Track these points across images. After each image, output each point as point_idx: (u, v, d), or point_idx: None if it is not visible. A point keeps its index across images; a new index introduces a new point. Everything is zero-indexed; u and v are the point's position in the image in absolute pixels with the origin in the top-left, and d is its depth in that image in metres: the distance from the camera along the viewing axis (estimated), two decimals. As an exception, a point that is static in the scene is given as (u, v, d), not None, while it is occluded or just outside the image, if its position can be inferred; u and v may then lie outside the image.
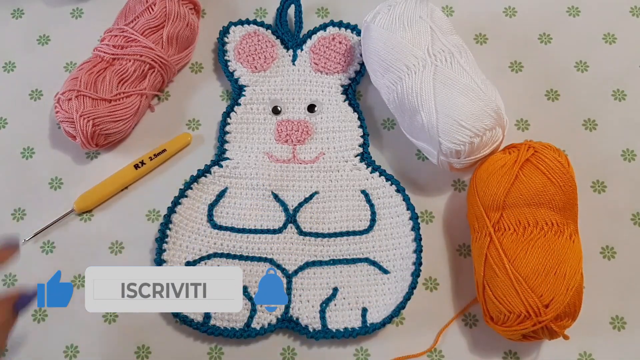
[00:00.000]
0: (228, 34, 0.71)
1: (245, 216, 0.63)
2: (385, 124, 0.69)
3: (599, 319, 0.60)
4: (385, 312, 0.59)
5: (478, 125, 0.58)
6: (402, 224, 0.62)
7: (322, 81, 0.69)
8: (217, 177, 0.65)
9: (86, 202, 0.64)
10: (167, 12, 0.67)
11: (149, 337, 0.60)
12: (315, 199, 0.64)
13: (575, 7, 0.73)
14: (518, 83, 0.70)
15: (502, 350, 0.60)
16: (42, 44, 0.73)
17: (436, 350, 0.60)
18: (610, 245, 0.63)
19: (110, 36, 0.66)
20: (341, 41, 0.70)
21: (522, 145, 0.59)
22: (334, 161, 0.66)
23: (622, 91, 0.69)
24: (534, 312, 0.53)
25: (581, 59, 0.71)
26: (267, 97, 0.68)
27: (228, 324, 0.59)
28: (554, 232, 0.55)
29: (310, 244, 0.62)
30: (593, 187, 0.65)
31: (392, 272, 0.61)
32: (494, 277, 0.56)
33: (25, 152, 0.68)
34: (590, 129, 0.68)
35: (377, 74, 0.63)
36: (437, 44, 0.61)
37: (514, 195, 0.57)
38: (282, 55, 0.70)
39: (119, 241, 0.64)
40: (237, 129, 0.67)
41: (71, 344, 0.60)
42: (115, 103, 0.64)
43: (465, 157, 0.59)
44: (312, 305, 0.60)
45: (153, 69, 0.66)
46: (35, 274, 0.63)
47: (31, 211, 0.65)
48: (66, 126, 0.64)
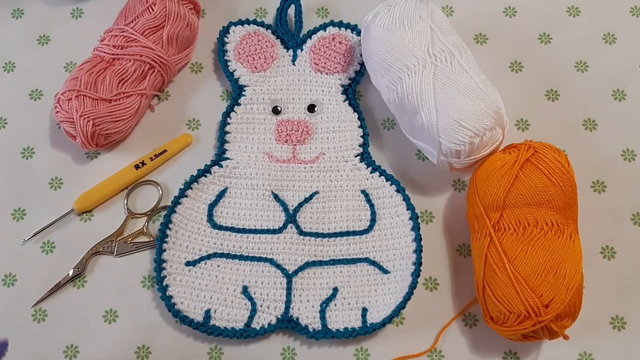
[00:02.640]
0: (228, 34, 0.71)
1: (245, 216, 0.63)
2: (385, 124, 0.69)
3: (599, 319, 0.60)
4: (385, 312, 0.59)
5: (478, 125, 0.58)
6: (402, 224, 0.62)
7: (322, 81, 0.69)
8: (217, 177, 0.65)
9: (86, 202, 0.64)
10: (167, 12, 0.67)
11: (149, 337, 0.60)
12: (315, 199, 0.64)
13: (575, 7, 0.73)
14: (518, 83, 0.70)
15: (502, 350, 0.60)
16: (42, 44, 0.73)
17: (436, 350, 0.60)
18: (610, 245, 0.63)
19: (110, 36, 0.66)
20: (341, 41, 0.70)
21: (522, 145, 0.59)
22: (334, 161, 0.66)
23: (622, 91, 0.69)
24: (534, 312, 0.53)
25: (581, 59, 0.71)
26: (267, 97, 0.68)
27: (228, 324, 0.59)
28: (554, 232, 0.55)
29: (310, 244, 0.62)
30: (593, 187, 0.65)
31: (392, 272, 0.61)
32: (494, 277, 0.56)
33: (25, 152, 0.68)
34: (590, 129, 0.68)
35: (377, 74, 0.63)
36: (437, 44, 0.61)
37: (514, 195, 0.57)
38: (282, 55, 0.70)
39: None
40: (237, 129, 0.67)
41: (71, 344, 0.60)
42: (115, 103, 0.64)
43: (465, 157, 0.59)
44: (312, 305, 0.60)
45: (153, 69, 0.66)
46: (35, 274, 0.63)
47: (31, 211, 0.65)
48: (66, 126, 0.64)
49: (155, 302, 0.62)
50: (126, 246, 0.63)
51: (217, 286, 0.61)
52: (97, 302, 0.62)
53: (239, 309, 0.60)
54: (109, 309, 0.61)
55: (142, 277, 0.62)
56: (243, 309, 0.60)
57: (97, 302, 0.62)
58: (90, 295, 0.62)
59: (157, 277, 0.60)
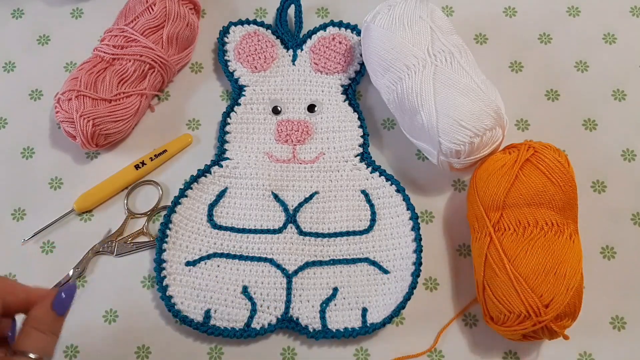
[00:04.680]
0: (228, 34, 0.71)
1: (245, 216, 0.63)
2: (385, 124, 0.69)
3: (599, 319, 0.60)
4: (385, 312, 0.59)
5: (478, 125, 0.58)
6: (402, 224, 0.62)
7: (322, 81, 0.69)
8: (217, 177, 0.65)
9: (86, 202, 0.64)
10: (167, 12, 0.67)
11: (149, 337, 0.60)
12: (315, 199, 0.64)
13: (575, 7, 0.73)
14: (518, 83, 0.70)
15: (502, 350, 0.60)
16: (42, 44, 0.73)
17: (436, 350, 0.60)
18: (610, 245, 0.63)
19: (110, 36, 0.66)
20: (341, 41, 0.70)
21: (522, 145, 0.59)
22: (334, 161, 0.66)
23: (622, 91, 0.69)
24: (534, 312, 0.53)
25: (581, 59, 0.71)
26: (267, 97, 0.68)
27: (228, 324, 0.59)
28: (554, 232, 0.55)
29: (310, 244, 0.62)
30: (593, 187, 0.65)
31: (392, 272, 0.61)
32: (494, 277, 0.56)
33: (25, 152, 0.68)
34: (590, 129, 0.68)
35: (377, 74, 0.63)
36: (437, 44, 0.61)
37: (514, 195, 0.57)
38: (282, 55, 0.70)
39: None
40: (237, 129, 0.67)
41: (71, 344, 0.60)
42: (115, 103, 0.64)
43: (465, 157, 0.59)
44: (312, 305, 0.60)
45: (153, 69, 0.66)
46: (36, 274, 0.63)
47: (31, 211, 0.65)
48: (66, 126, 0.64)
49: (155, 302, 0.62)
50: (126, 246, 0.63)
51: (217, 286, 0.61)
52: (97, 302, 0.62)
53: (239, 309, 0.60)
54: (109, 309, 0.61)
55: (142, 277, 0.62)
56: (243, 309, 0.60)
57: (97, 302, 0.62)
58: (90, 295, 0.62)
59: (157, 277, 0.60)
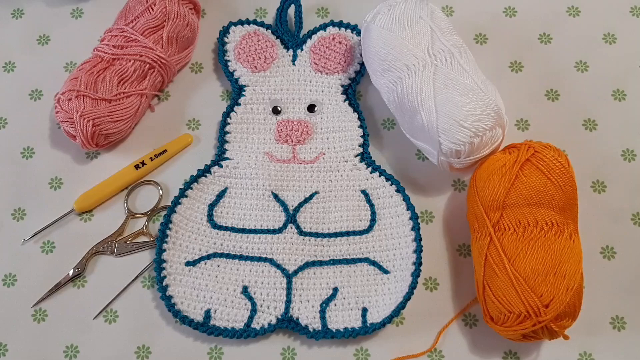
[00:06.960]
0: (228, 34, 0.71)
1: (245, 216, 0.63)
2: (385, 124, 0.69)
3: (599, 319, 0.60)
4: (385, 312, 0.59)
5: (478, 125, 0.58)
6: (402, 224, 0.62)
7: (322, 81, 0.69)
8: (217, 177, 0.65)
9: (86, 202, 0.64)
10: (167, 12, 0.67)
11: (149, 337, 0.60)
12: (315, 199, 0.64)
13: (575, 7, 0.73)
14: (518, 83, 0.70)
15: (502, 350, 0.60)
16: (42, 44, 0.73)
17: (436, 350, 0.60)
18: (610, 245, 0.63)
19: (110, 36, 0.66)
20: (341, 41, 0.70)
21: (522, 145, 0.59)
22: (334, 161, 0.66)
23: (622, 91, 0.69)
24: (534, 312, 0.53)
25: (581, 59, 0.71)
26: (267, 97, 0.68)
27: (228, 324, 0.59)
28: (554, 232, 0.55)
29: (310, 244, 0.62)
30: (593, 187, 0.65)
31: (392, 272, 0.61)
32: (494, 277, 0.56)
33: (25, 152, 0.68)
34: (590, 129, 0.68)
35: (377, 74, 0.63)
36: (437, 44, 0.61)
37: (514, 195, 0.57)
38: (282, 55, 0.70)
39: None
40: (237, 129, 0.67)
41: (71, 344, 0.60)
42: (115, 103, 0.64)
43: (465, 157, 0.59)
44: (312, 305, 0.60)
45: (153, 69, 0.66)
46: (36, 274, 0.63)
47: (31, 211, 0.65)
48: (66, 126, 0.64)
49: (155, 302, 0.62)
50: (126, 246, 0.63)
51: (217, 286, 0.61)
52: (97, 302, 0.62)
53: (239, 309, 0.60)
54: (109, 309, 0.61)
55: (142, 277, 0.62)
56: (243, 309, 0.60)
57: (97, 302, 0.62)
58: (90, 295, 0.62)
59: (157, 277, 0.60)
